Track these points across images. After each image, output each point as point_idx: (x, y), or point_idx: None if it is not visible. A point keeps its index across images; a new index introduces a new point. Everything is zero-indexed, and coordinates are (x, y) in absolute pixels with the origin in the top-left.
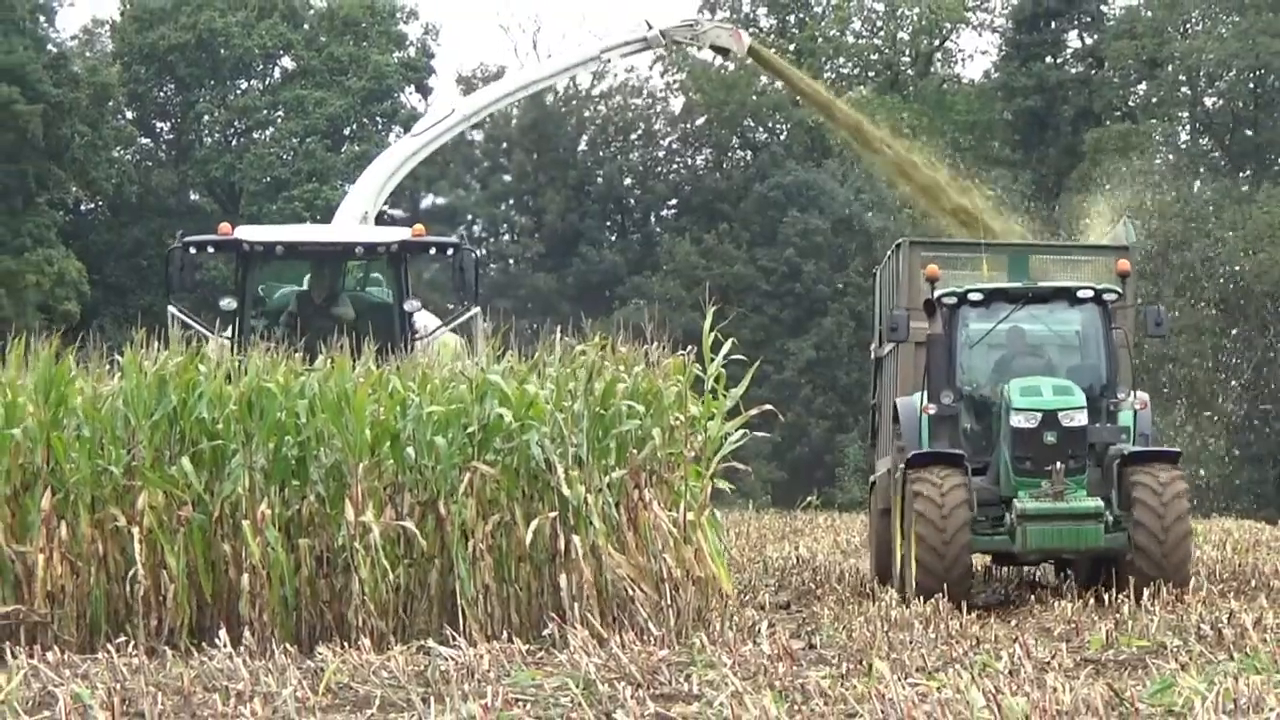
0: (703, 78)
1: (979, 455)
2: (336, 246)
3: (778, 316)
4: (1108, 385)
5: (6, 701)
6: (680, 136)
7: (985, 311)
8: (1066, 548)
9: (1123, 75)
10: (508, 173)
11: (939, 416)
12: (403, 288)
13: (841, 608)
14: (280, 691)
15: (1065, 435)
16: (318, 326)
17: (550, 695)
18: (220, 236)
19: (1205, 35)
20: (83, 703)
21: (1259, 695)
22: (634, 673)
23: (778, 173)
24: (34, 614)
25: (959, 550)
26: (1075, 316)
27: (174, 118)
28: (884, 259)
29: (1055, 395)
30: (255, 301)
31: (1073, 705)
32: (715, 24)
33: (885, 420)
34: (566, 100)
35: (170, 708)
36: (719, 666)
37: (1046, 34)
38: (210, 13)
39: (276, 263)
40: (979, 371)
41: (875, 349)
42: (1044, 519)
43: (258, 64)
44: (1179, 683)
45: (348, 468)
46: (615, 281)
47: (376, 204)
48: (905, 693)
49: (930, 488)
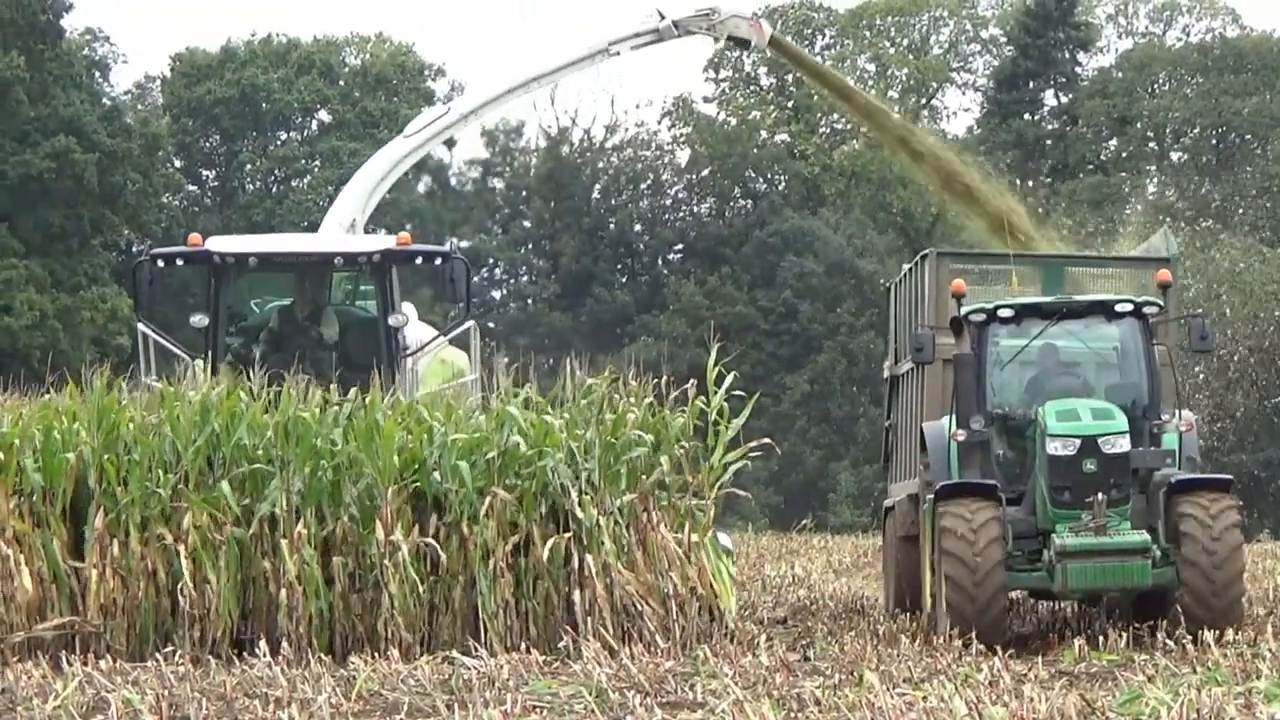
0: (707, 131)
1: (1013, 484)
2: (313, 257)
3: (775, 353)
4: (1150, 405)
5: (63, 706)
6: (686, 186)
7: (1016, 329)
8: (1111, 586)
9: (1095, 131)
10: (527, 219)
11: (969, 443)
12: (388, 300)
13: (834, 623)
14: (316, 698)
15: (1106, 463)
16: (299, 345)
17: (565, 702)
18: (190, 248)
19: (1172, 95)
20: (133, 707)
21: (1220, 706)
22: (642, 682)
23: (776, 220)
24: (88, 625)
25: (993, 591)
26: (1113, 332)
27: (219, 166)
28: (901, 272)
29: (1095, 420)
30: (231, 318)
31: (1048, 714)
32: (734, 14)
33: (900, 442)
34: (581, 152)
35: (214, 713)
36: (721, 677)
37: (1025, 93)
38: (253, 69)
39: (252, 275)
40: (1011, 393)
41: (889, 367)
42: (1086, 555)
43: (296, 117)
44: (1146, 694)
45: (378, 491)
46: (625, 320)
47: (367, 210)
48: (893, 701)
49: (962, 524)
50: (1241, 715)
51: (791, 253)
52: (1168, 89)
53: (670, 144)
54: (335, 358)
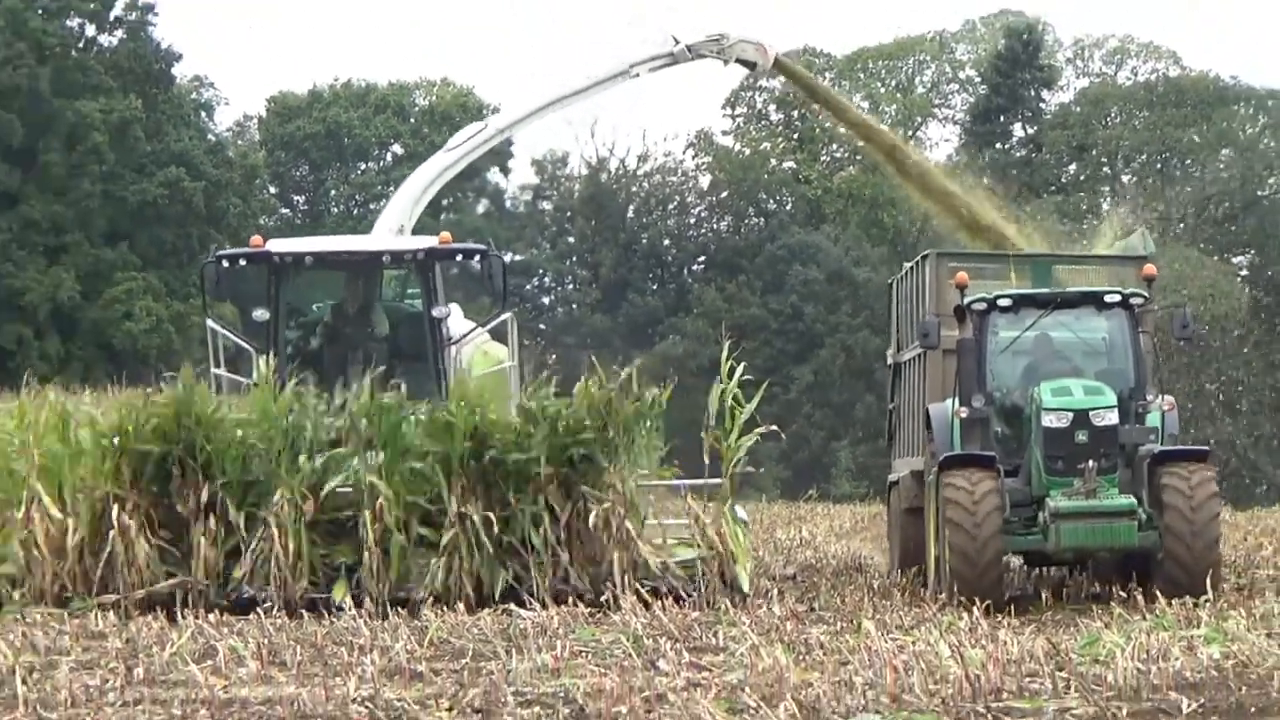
0: (724, 160)
1: (1010, 458)
2: (363, 255)
3: (784, 349)
4: (1136, 387)
5: (178, 653)
6: (707, 206)
7: (1014, 317)
8: (1100, 545)
9: (1057, 158)
10: (571, 235)
11: (970, 420)
12: (432, 295)
13: (836, 579)
14: (393, 645)
15: (1096, 434)
16: (352, 337)
17: (606, 647)
18: (252, 249)
19: (1122, 126)
20: (238, 653)
21: (1165, 647)
22: (672, 630)
23: (784, 235)
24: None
25: (992, 553)
26: (1103, 321)
27: (307, 192)
28: (902, 270)
29: (1086, 395)
30: (290, 313)
31: (1019, 655)
32: (741, 39)
33: (904, 423)
34: (618, 178)
35: (306, 658)
36: (739, 625)
37: (997, 125)
38: (336, 109)
39: (308, 274)
40: (1008, 376)
41: (892, 355)
42: (1077, 517)
43: (374, 150)
44: (1103, 638)
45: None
46: (656, 321)
47: (413, 216)
48: (887, 645)
49: (963, 494)
50: (1185, 655)
51: (797, 263)
52: (1119, 121)
53: (693, 171)
54: (386, 349)
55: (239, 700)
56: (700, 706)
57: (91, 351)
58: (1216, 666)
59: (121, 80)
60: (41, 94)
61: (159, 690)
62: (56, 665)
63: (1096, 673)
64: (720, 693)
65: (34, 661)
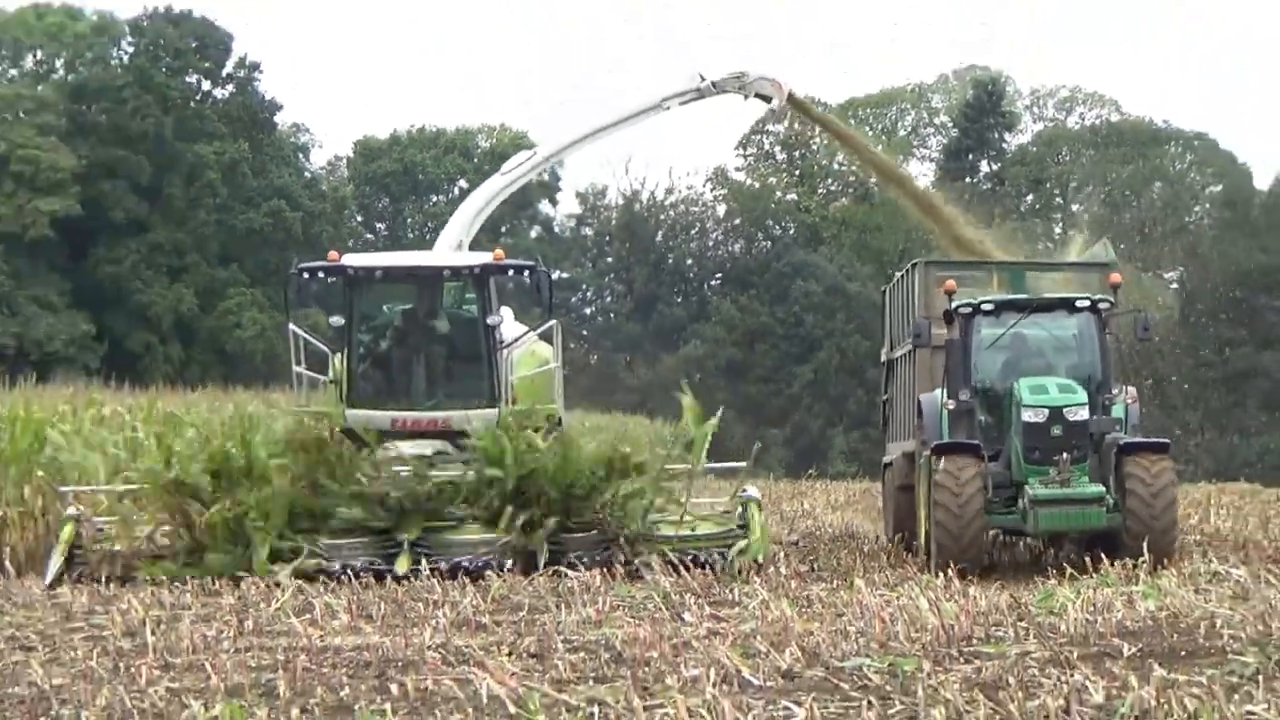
0: (738, 192)
1: (992, 444)
2: (427, 270)
3: (788, 351)
4: (1103, 382)
5: (281, 608)
6: (723, 231)
7: (996, 320)
8: (1073, 528)
9: (1017, 190)
10: (609, 256)
11: (957, 411)
12: (486, 304)
13: (832, 544)
14: (462, 600)
15: (1069, 428)
16: (417, 338)
17: (640, 602)
18: (330, 263)
19: (1072, 163)
20: (331, 608)
21: (1109, 601)
22: (695, 588)
23: (788, 255)
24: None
25: (974, 531)
26: (1073, 323)
27: (387, 220)
28: (894, 278)
29: (1061, 393)
30: (363, 318)
31: (987, 608)
32: (760, 76)
33: (896, 413)
34: (648, 207)
35: (389, 612)
36: (751, 583)
37: (965, 163)
38: (412, 150)
39: (379, 285)
40: (991, 371)
41: (886, 353)
42: (1053, 503)
43: (443, 184)
44: (1057, 593)
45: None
46: (680, 328)
47: (470, 233)
48: (875, 600)
49: (950, 478)
50: (1125, 608)
51: (799, 278)
52: (1069, 159)
53: (712, 201)
54: (445, 350)
55: (332, 648)
56: (719, 651)
57: (208, 355)
58: (1152, 617)
59: (232, 126)
60: (165, 139)
61: (265, 639)
62: (180, 619)
63: (1051, 622)
64: (736, 640)
65: (161, 616)
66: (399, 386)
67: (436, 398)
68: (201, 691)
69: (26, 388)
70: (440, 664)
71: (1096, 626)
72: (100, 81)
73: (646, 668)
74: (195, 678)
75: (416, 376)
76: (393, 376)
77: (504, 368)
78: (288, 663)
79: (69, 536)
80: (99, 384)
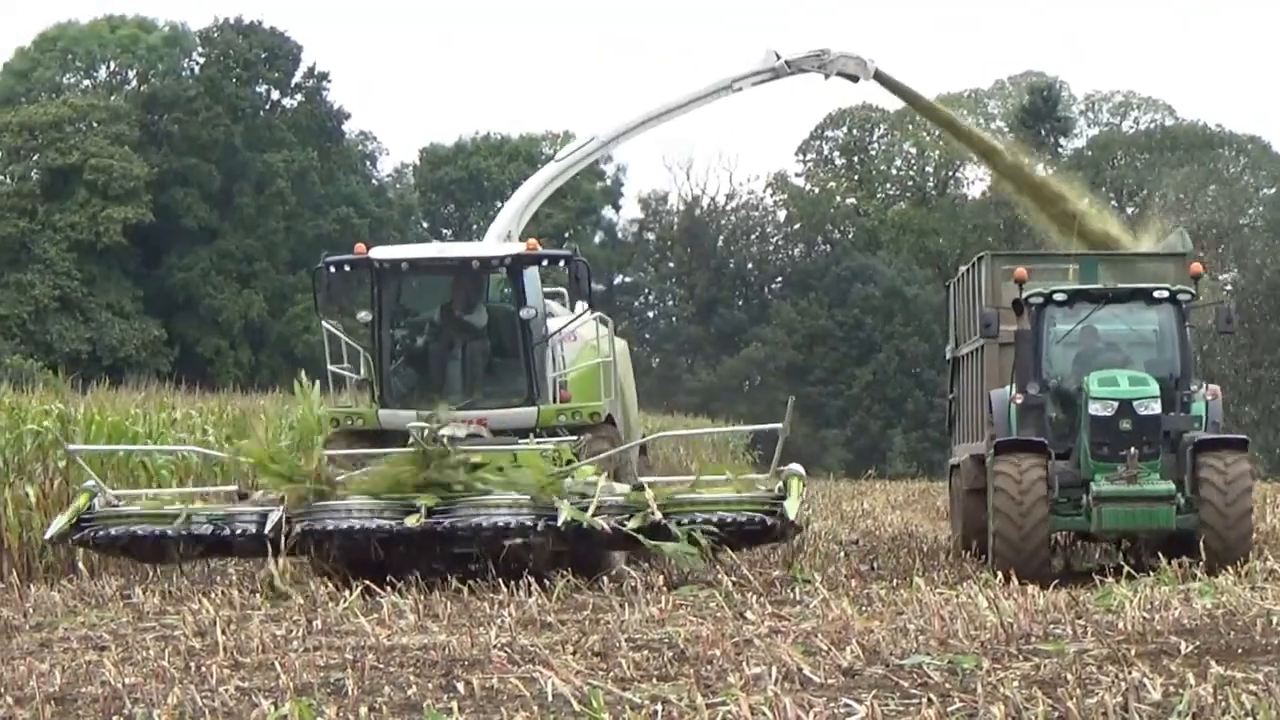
0: (798, 197)
1: (1063, 441)
2: (454, 261)
3: (848, 353)
4: (1181, 377)
5: (349, 607)
6: (783, 236)
7: (1069, 311)
8: (1140, 528)
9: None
10: (671, 260)
11: (1025, 406)
12: (521, 298)
13: (892, 543)
14: (527, 600)
15: (1140, 422)
16: (451, 334)
17: (703, 601)
18: (356, 256)
19: (1126, 167)
20: (398, 608)
21: (1167, 599)
22: (757, 586)
23: (847, 259)
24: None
25: (1036, 532)
26: (1152, 315)
27: (454, 227)
28: (959, 273)
29: (1131, 385)
30: (395, 313)
31: (1045, 606)
32: (843, 54)
33: (963, 412)
34: (709, 212)
35: (455, 611)
36: (812, 581)
37: None
38: (477, 158)
39: (408, 278)
40: (1063, 365)
41: (951, 350)
42: (1118, 500)
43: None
44: (1115, 592)
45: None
46: (741, 330)
47: (521, 223)
48: (935, 598)
49: (1011, 476)
50: (1182, 605)
51: (858, 282)
52: (1124, 162)
53: (772, 206)
54: (487, 346)
55: (399, 647)
56: (781, 649)
57: (276, 360)
58: (1209, 615)
59: (301, 135)
60: (236, 148)
61: (333, 639)
62: (249, 619)
63: (1109, 620)
64: (797, 638)
65: (231, 615)
66: (433, 385)
67: (472, 396)
68: (271, 690)
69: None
70: (505, 663)
71: (1154, 624)
72: (172, 92)
73: (709, 666)
74: (265, 676)
75: (451, 374)
76: (426, 375)
77: (543, 363)
78: (355, 662)
79: (82, 504)
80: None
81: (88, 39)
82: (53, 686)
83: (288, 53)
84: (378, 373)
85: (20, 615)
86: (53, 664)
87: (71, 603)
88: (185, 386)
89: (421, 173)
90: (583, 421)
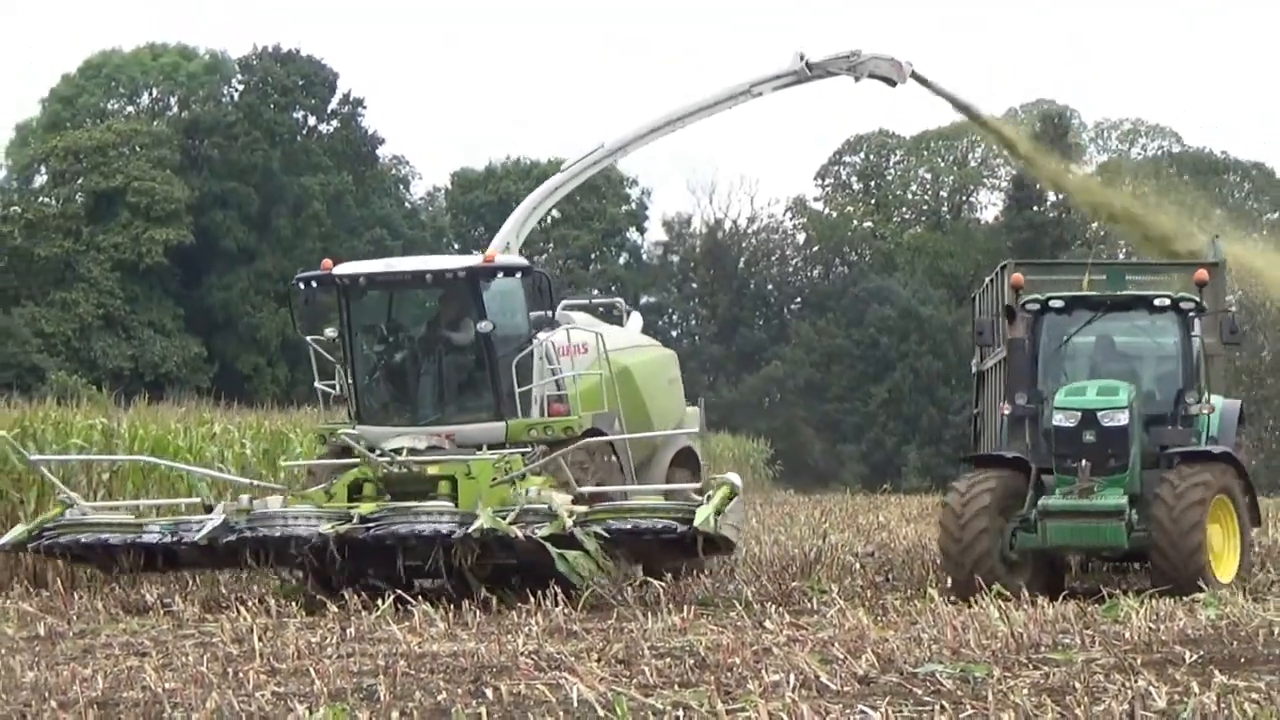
0: (816, 220)
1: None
2: (406, 276)
3: (865, 371)
4: (1184, 389)
5: (382, 615)
6: (802, 258)
7: (1067, 318)
8: (1087, 545)
9: (1081, 218)
10: (694, 281)
11: (1014, 417)
12: (481, 310)
13: (906, 555)
14: (553, 609)
15: (1104, 434)
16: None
17: (723, 610)
18: (320, 272)
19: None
20: (429, 616)
21: (1172, 610)
22: (776, 595)
23: (864, 280)
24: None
25: (974, 547)
26: (1154, 324)
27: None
28: (983, 283)
29: (1097, 396)
30: (364, 329)
31: (1054, 616)
32: (875, 55)
33: (987, 426)
34: (731, 235)
35: (484, 619)
36: (829, 591)
37: (1033, 191)
38: (506, 181)
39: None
40: (1059, 374)
41: (976, 364)
42: (1065, 515)
43: None
44: (1122, 603)
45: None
46: (761, 349)
47: (521, 235)
48: (949, 609)
49: (958, 490)
50: (1187, 616)
51: (874, 302)
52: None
53: (791, 229)
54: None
55: (430, 654)
56: (799, 657)
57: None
58: (1213, 625)
59: (336, 160)
60: (273, 171)
61: (366, 646)
62: (285, 626)
63: (1116, 630)
64: (814, 647)
65: (267, 623)
66: (403, 401)
67: (440, 412)
68: (306, 695)
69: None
70: (533, 669)
71: (1159, 635)
72: (212, 117)
73: (729, 673)
74: (300, 682)
75: (421, 390)
76: (396, 391)
77: (511, 377)
78: (388, 668)
79: (51, 516)
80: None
81: (131, 66)
82: (95, 691)
83: (324, 80)
84: (352, 389)
85: (64, 623)
86: (95, 669)
87: (113, 610)
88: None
89: (453, 196)
90: (555, 436)
